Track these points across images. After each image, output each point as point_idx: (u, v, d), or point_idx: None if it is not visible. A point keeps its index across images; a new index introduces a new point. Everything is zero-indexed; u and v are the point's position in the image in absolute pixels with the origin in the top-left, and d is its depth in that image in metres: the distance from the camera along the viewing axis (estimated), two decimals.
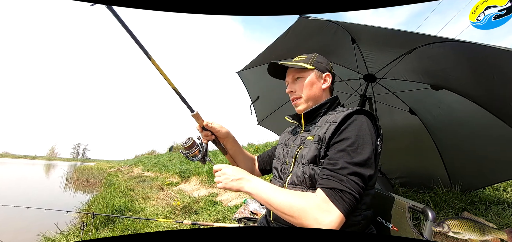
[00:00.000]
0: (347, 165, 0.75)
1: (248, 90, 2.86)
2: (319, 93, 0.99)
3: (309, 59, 1.02)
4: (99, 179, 12.09)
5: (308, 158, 0.85)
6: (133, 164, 18.92)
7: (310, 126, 0.98)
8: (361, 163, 0.75)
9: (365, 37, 1.92)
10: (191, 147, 1.03)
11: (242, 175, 0.86)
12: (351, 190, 0.73)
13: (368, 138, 0.79)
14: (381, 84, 2.27)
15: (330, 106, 0.97)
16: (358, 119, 0.82)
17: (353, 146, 0.77)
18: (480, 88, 1.72)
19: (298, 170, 0.87)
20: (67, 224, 3.99)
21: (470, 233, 0.84)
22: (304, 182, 0.85)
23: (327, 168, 0.78)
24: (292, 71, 1.02)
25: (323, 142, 0.83)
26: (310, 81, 0.98)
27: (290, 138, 1.08)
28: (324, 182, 0.76)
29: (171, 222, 2.87)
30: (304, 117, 1.00)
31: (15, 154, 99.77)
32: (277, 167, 1.03)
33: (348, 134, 0.79)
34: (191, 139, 1.03)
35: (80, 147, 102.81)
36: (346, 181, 0.73)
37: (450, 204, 2.37)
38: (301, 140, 0.96)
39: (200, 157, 1.05)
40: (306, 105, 0.99)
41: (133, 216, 4.02)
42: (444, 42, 1.52)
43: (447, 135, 2.24)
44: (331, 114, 0.91)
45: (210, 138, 1.09)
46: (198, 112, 1.01)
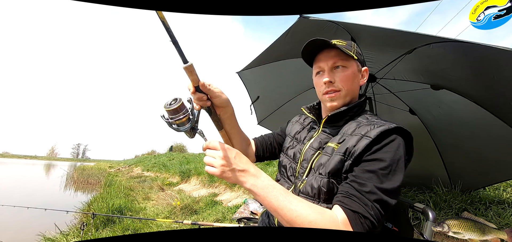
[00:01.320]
0: (376, 191, 0.66)
1: (248, 90, 2.86)
2: (357, 89, 0.86)
3: (350, 46, 0.84)
4: (99, 179, 12.08)
5: (329, 170, 0.74)
6: (133, 164, 18.92)
7: (331, 128, 0.85)
8: (390, 191, 0.67)
9: (365, 37, 1.92)
10: (178, 111, 0.71)
11: (246, 166, 0.68)
12: (373, 219, 0.65)
13: (401, 165, 0.70)
14: (381, 84, 2.27)
15: (358, 110, 0.85)
16: (396, 141, 0.71)
17: (385, 171, 0.68)
18: (480, 88, 1.72)
19: (314, 180, 0.77)
20: (67, 224, 3.99)
21: (470, 233, 0.84)
22: (319, 195, 0.75)
23: (352, 185, 0.68)
24: (333, 56, 0.82)
25: (351, 156, 0.72)
26: (353, 73, 0.82)
27: (302, 133, 0.94)
28: (348, 202, 0.67)
29: (171, 222, 2.87)
30: (328, 119, 0.85)
31: (15, 154, 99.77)
32: (286, 165, 0.91)
33: (382, 155, 0.69)
34: (179, 100, 0.72)
35: (80, 147, 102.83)
36: (370, 208, 0.65)
37: (450, 204, 2.37)
38: (319, 143, 0.83)
39: (188, 127, 0.74)
40: (343, 102, 0.83)
41: (133, 216, 4.03)
42: (444, 42, 1.52)
43: (447, 135, 2.24)
44: (361, 122, 0.79)
45: (205, 104, 0.80)
46: (192, 65, 0.72)
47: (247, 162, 0.70)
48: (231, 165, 0.67)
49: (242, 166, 0.68)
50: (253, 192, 0.68)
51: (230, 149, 0.69)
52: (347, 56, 0.81)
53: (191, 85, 0.76)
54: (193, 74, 0.74)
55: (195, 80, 0.75)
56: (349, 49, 0.82)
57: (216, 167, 0.66)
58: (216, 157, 0.67)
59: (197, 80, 0.75)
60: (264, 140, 1.07)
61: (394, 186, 0.67)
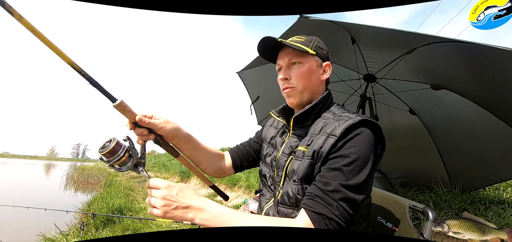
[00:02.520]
0: (340, 189, 0.64)
1: (248, 90, 2.86)
2: (317, 85, 0.83)
3: (309, 41, 0.83)
4: (99, 179, 12.07)
5: (300, 177, 0.72)
6: None
7: (300, 130, 0.83)
8: (356, 186, 0.65)
9: (365, 37, 1.92)
10: (114, 152, 0.68)
11: (190, 202, 0.64)
12: (340, 219, 0.63)
13: (369, 158, 0.68)
14: (381, 84, 2.27)
15: (323, 106, 0.82)
16: (362, 134, 0.69)
17: (350, 166, 0.66)
18: (480, 88, 1.73)
19: (289, 188, 0.74)
20: (67, 224, 3.99)
21: (470, 233, 0.84)
22: (297, 203, 0.72)
23: (317, 186, 0.67)
24: (289, 53, 0.82)
25: (319, 158, 0.70)
26: (309, 69, 0.80)
27: (276, 137, 0.92)
28: (311, 203, 0.65)
29: (171, 222, 2.87)
30: (294, 121, 0.83)
31: (15, 154, 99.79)
32: (265, 174, 0.89)
33: (346, 151, 0.67)
34: (113, 139, 0.69)
35: (80, 147, 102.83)
36: (335, 208, 0.63)
37: (450, 204, 2.37)
38: (290, 148, 0.81)
39: (130, 165, 0.70)
40: (301, 98, 0.82)
41: (133, 216, 4.02)
42: (444, 42, 1.52)
43: (447, 135, 2.24)
44: (328, 119, 0.77)
45: (147, 138, 0.76)
46: (123, 101, 0.67)
47: (191, 197, 0.65)
48: (174, 204, 0.62)
49: (186, 202, 0.63)
50: (204, 225, 0.64)
51: (172, 187, 0.64)
52: (303, 52, 0.80)
53: (128, 122, 0.72)
54: (125, 111, 0.69)
55: (131, 116, 0.71)
56: (307, 45, 0.81)
57: (158, 208, 0.62)
58: (157, 197, 0.63)
59: (133, 116, 0.71)
60: (239, 150, 1.03)
61: (360, 180, 0.66)
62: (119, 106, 0.67)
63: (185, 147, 0.87)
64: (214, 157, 0.97)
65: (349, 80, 2.46)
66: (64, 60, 0.61)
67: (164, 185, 0.64)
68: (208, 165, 0.94)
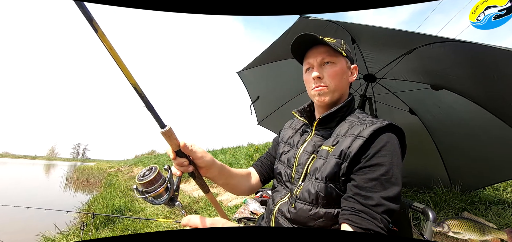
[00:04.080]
0: (382, 202, 0.65)
1: (248, 90, 2.86)
2: (346, 86, 0.86)
3: (339, 43, 0.85)
4: (99, 179, 12.08)
5: (326, 175, 0.73)
6: (133, 164, 18.91)
7: (324, 131, 0.84)
8: (395, 197, 0.67)
9: (365, 37, 1.92)
10: (153, 183, 0.65)
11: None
12: (384, 231, 0.65)
13: (400, 165, 0.70)
14: (381, 84, 2.27)
15: (347, 109, 0.84)
16: (391, 140, 0.71)
17: (387, 176, 0.67)
18: (480, 88, 1.72)
19: (311, 185, 0.75)
20: (67, 224, 3.99)
21: (470, 233, 0.84)
22: (318, 200, 0.74)
23: (357, 200, 0.67)
24: (322, 53, 0.83)
25: (346, 158, 0.71)
26: (341, 69, 0.83)
27: (293, 137, 0.94)
28: (357, 220, 0.65)
29: (171, 222, 2.87)
30: (319, 121, 0.84)
31: (15, 154, 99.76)
32: (281, 171, 0.90)
33: (381, 160, 0.68)
34: (154, 169, 0.67)
35: (80, 147, 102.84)
36: (379, 221, 0.64)
37: (450, 204, 2.37)
38: (313, 147, 0.83)
39: (165, 199, 0.67)
40: (331, 97, 0.83)
41: (133, 216, 4.03)
42: (444, 42, 1.52)
43: (447, 135, 2.24)
44: (353, 122, 0.78)
45: (187, 169, 0.73)
46: (171, 128, 0.66)
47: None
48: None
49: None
50: None
51: (214, 223, 0.65)
52: (336, 52, 0.82)
53: (171, 151, 0.70)
54: (172, 138, 0.67)
55: (175, 144, 0.69)
56: (338, 46, 0.83)
57: None
58: None
59: (177, 143, 0.69)
60: (262, 162, 1.05)
61: (397, 191, 0.67)
62: (167, 132, 0.66)
63: (219, 177, 0.86)
64: (243, 178, 0.98)
65: None
66: (129, 80, 0.64)
67: (204, 224, 0.64)
68: (241, 187, 0.96)
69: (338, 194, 0.73)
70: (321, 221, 0.74)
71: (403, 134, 0.75)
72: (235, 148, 8.73)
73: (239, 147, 8.68)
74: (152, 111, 0.63)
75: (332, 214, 0.73)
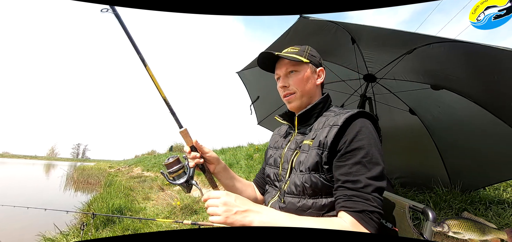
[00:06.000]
0: (370, 182, 0.69)
1: (248, 90, 2.86)
2: (314, 89, 0.92)
3: (303, 51, 0.92)
4: (99, 179, 12.08)
5: (308, 166, 0.78)
6: (133, 164, 18.90)
7: (304, 128, 0.91)
8: (379, 176, 0.71)
9: (365, 37, 1.92)
10: (174, 164, 0.85)
11: (248, 206, 0.71)
12: (378, 208, 0.69)
13: (379, 146, 0.74)
14: (381, 84, 2.27)
15: (323, 106, 0.91)
16: (365, 125, 0.76)
17: (367, 157, 0.71)
18: (480, 88, 1.73)
19: (297, 178, 0.80)
20: (67, 224, 3.99)
21: (470, 233, 0.84)
22: (304, 191, 0.78)
23: (346, 187, 0.71)
24: (286, 64, 0.91)
25: (324, 147, 0.76)
26: (305, 76, 0.89)
27: (279, 140, 1.01)
28: (350, 204, 0.69)
29: (171, 222, 2.87)
30: (298, 119, 0.91)
31: (15, 154, 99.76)
32: (270, 174, 0.96)
33: (360, 144, 0.73)
34: (175, 156, 0.87)
35: (80, 147, 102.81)
36: (372, 200, 0.68)
37: (450, 204, 2.37)
38: (296, 143, 0.89)
39: (184, 181, 0.86)
40: (300, 102, 0.90)
41: (133, 216, 4.03)
42: (444, 42, 1.52)
43: (447, 135, 2.24)
44: (329, 116, 0.85)
45: (199, 162, 0.90)
46: (187, 129, 0.87)
47: (248, 202, 0.73)
48: (234, 209, 0.69)
49: (245, 207, 0.71)
50: (263, 226, 0.70)
51: (230, 194, 0.73)
52: (297, 61, 0.89)
53: (187, 146, 0.90)
54: (187, 137, 0.88)
55: (189, 141, 0.89)
56: (300, 55, 0.91)
57: (219, 214, 0.69)
58: (219, 205, 0.70)
59: (191, 140, 0.89)
60: (259, 178, 1.12)
61: (380, 170, 0.72)
62: (184, 132, 0.87)
63: (223, 176, 0.98)
64: (247, 186, 1.08)
65: (349, 80, 2.46)
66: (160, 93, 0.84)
67: (223, 194, 0.73)
68: (244, 193, 1.02)
69: (323, 184, 0.77)
70: (309, 212, 0.78)
71: (375, 120, 0.81)
72: (235, 148, 8.73)
73: (239, 147, 8.68)
74: (174, 115, 0.84)
75: (321, 204, 0.78)
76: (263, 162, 1.13)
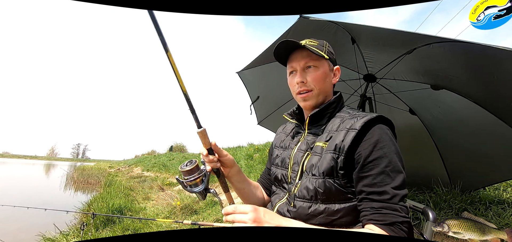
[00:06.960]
0: (396, 192, 0.67)
1: (248, 90, 2.86)
2: (330, 88, 0.87)
3: (322, 46, 0.86)
4: (99, 179, 12.08)
5: (323, 170, 0.73)
6: (133, 164, 18.91)
7: (315, 128, 0.86)
8: (403, 184, 0.69)
9: (365, 37, 1.92)
10: (192, 172, 0.78)
11: (277, 221, 0.71)
12: (406, 217, 0.67)
13: (399, 152, 0.72)
14: (381, 84, 2.27)
15: (336, 106, 0.86)
16: (384, 131, 0.73)
17: (390, 166, 0.69)
18: (480, 88, 1.73)
19: (309, 182, 0.76)
20: (67, 224, 4.00)
21: (470, 233, 0.84)
22: (317, 196, 0.74)
23: (372, 198, 0.69)
24: (305, 57, 0.84)
25: (341, 151, 0.72)
26: (324, 73, 0.84)
27: (285, 140, 0.95)
28: (379, 217, 0.67)
29: (171, 222, 2.87)
30: (310, 119, 0.86)
31: (15, 154, 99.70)
32: (278, 175, 0.91)
33: (381, 152, 0.70)
34: (194, 161, 0.79)
35: (80, 147, 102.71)
36: (400, 210, 0.66)
37: (450, 204, 2.37)
38: (307, 145, 0.83)
39: (201, 188, 0.79)
40: (316, 101, 0.85)
41: (133, 216, 4.03)
42: (444, 42, 1.52)
43: (447, 135, 2.24)
44: (344, 117, 0.80)
45: (216, 165, 0.83)
46: (205, 129, 0.78)
47: (277, 217, 0.72)
48: (264, 224, 0.67)
49: (274, 222, 0.69)
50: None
51: (258, 209, 0.69)
52: (318, 56, 0.83)
53: (204, 148, 0.81)
54: (205, 137, 0.79)
55: (207, 143, 0.79)
56: (320, 49, 0.84)
57: (247, 222, 0.67)
58: (248, 221, 0.67)
59: (209, 142, 0.80)
60: (264, 179, 1.08)
61: (403, 178, 0.70)
62: (202, 132, 0.78)
63: (236, 178, 0.93)
64: (255, 188, 1.04)
65: (349, 80, 2.46)
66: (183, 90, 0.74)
67: (251, 209, 0.69)
68: (253, 197, 1.00)
69: (337, 189, 0.73)
70: (321, 217, 0.74)
71: (393, 125, 0.78)
72: (235, 148, 8.73)
73: (239, 147, 8.69)
74: (194, 113, 0.75)
75: (333, 209, 0.74)
76: (266, 162, 1.10)
